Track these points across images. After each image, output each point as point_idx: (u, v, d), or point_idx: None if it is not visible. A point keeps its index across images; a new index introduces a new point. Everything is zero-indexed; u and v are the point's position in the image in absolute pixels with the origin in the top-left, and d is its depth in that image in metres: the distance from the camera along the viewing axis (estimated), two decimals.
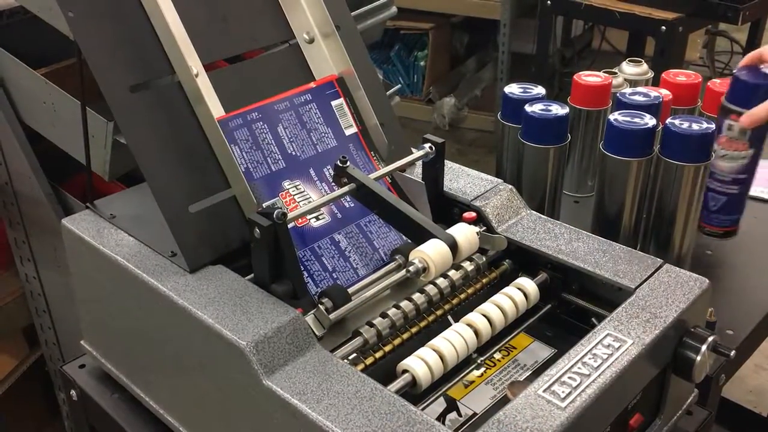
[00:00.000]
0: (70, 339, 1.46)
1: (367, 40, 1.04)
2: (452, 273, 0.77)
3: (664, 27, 2.19)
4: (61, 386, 1.25)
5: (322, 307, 0.71)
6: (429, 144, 0.84)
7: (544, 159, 0.98)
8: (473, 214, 0.83)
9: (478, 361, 0.73)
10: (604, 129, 0.98)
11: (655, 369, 0.71)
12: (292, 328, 0.67)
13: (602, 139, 0.97)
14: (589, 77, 1.12)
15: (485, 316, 0.73)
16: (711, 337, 0.72)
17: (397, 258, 0.80)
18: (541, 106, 0.99)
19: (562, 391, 0.62)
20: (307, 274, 0.76)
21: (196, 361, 0.72)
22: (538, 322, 0.79)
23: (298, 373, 0.64)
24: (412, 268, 0.74)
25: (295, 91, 0.84)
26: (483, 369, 0.75)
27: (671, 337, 0.71)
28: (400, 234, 0.83)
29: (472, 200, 0.85)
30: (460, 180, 0.89)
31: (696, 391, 0.81)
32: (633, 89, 1.06)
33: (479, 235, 0.78)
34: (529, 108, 0.98)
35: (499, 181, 0.89)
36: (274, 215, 0.69)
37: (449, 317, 0.77)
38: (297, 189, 0.81)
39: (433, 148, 0.84)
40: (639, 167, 0.95)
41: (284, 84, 0.84)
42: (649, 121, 0.94)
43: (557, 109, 0.98)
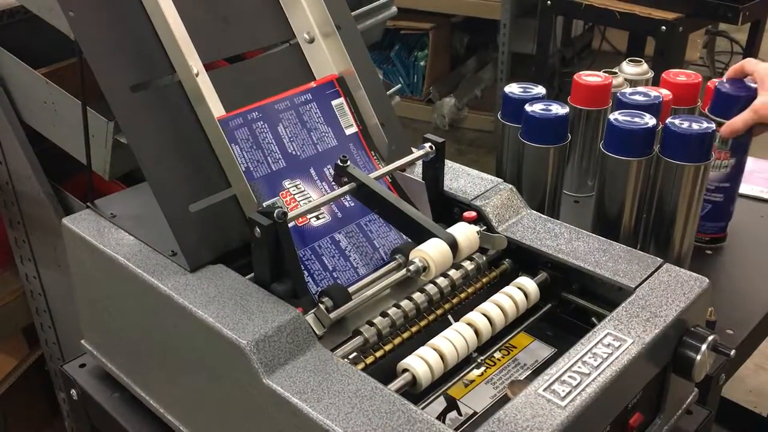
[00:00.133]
0: (70, 338, 1.46)
1: (367, 40, 1.04)
2: (452, 272, 0.77)
3: (664, 27, 2.19)
4: (61, 385, 1.25)
5: (322, 307, 0.71)
6: (429, 143, 0.84)
7: (544, 159, 0.99)
8: (473, 214, 0.83)
9: (479, 360, 0.73)
10: (604, 129, 0.98)
11: (655, 368, 0.71)
12: (292, 327, 0.67)
13: (602, 139, 0.98)
14: (589, 77, 1.13)
15: (485, 316, 0.74)
16: (711, 337, 0.72)
17: (398, 257, 0.80)
18: (542, 106, 0.99)
19: (562, 390, 0.62)
20: (307, 274, 0.76)
21: (196, 361, 0.72)
22: (538, 322, 0.79)
23: (299, 372, 0.64)
24: (412, 268, 0.74)
25: (296, 91, 0.84)
26: (483, 368, 0.75)
27: (671, 337, 0.71)
28: (401, 233, 0.83)
29: (472, 200, 0.85)
30: (461, 179, 0.89)
31: (696, 390, 0.81)
32: (633, 89, 1.06)
33: (479, 235, 0.78)
34: (529, 108, 0.98)
35: (500, 180, 0.89)
36: (275, 214, 0.69)
37: (449, 316, 0.77)
38: (297, 188, 0.81)
39: (433, 148, 0.84)
40: (639, 167, 0.95)
41: (285, 83, 0.84)
42: (649, 120, 0.94)
43: (557, 109, 0.98)
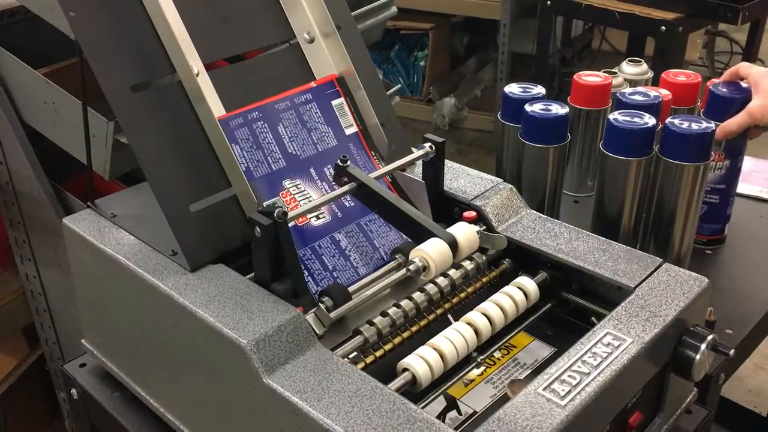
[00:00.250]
0: (71, 338, 1.46)
1: (367, 40, 1.04)
2: (452, 272, 0.77)
3: (663, 27, 2.19)
4: (61, 385, 1.25)
5: (322, 306, 0.71)
6: (429, 143, 0.84)
7: (544, 158, 0.99)
8: (473, 214, 0.83)
9: (478, 359, 0.73)
10: (603, 129, 0.98)
11: (655, 367, 0.71)
12: (292, 327, 0.67)
13: (602, 139, 0.98)
14: (589, 77, 1.13)
15: (485, 315, 0.74)
16: (710, 336, 0.72)
17: (398, 257, 0.80)
18: (541, 106, 0.99)
19: (562, 390, 0.62)
20: (307, 273, 0.76)
21: (196, 360, 0.72)
22: (538, 321, 0.79)
23: (299, 371, 0.64)
24: (412, 267, 0.74)
25: (296, 91, 0.84)
26: (483, 368, 0.75)
27: (671, 336, 0.71)
28: (401, 233, 0.83)
29: (472, 199, 0.85)
30: (460, 179, 0.89)
31: (695, 389, 0.81)
32: (633, 89, 1.06)
33: (479, 235, 0.78)
34: (529, 107, 0.99)
35: (499, 180, 0.89)
36: (275, 214, 0.69)
37: (449, 316, 0.77)
38: (297, 188, 0.81)
39: (433, 148, 0.84)
40: (639, 167, 0.95)
41: (285, 83, 0.84)
42: (649, 120, 0.94)
43: (557, 109, 0.98)
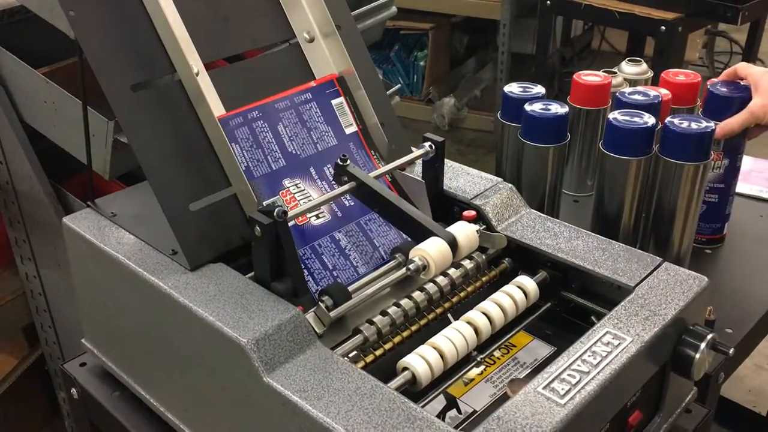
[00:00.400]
0: (71, 338, 1.46)
1: (367, 40, 1.04)
2: (452, 271, 0.78)
3: (663, 27, 2.19)
4: (61, 384, 1.25)
5: (322, 305, 0.71)
6: (429, 143, 0.84)
7: (544, 158, 0.99)
8: (473, 213, 0.83)
9: (478, 358, 0.73)
10: (603, 128, 0.98)
11: (655, 366, 0.72)
12: (292, 326, 0.67)
13: (602, 139, 0.98)
14: (589, 77, 1.13)
15: (485, 314, 0.74)
16: (710, 335, 0.72)
17: (397, 256, 0.80)
18: (541, 105, 0.99)
19: (562, 388, 0.62)
20: (307, 272, 0.76)
21: (196, 359, 0.72)
22: (537, 321, 0.79)
23: (299, 370, 0.64)
24: (412, 266, 0.74)
25: (296, 90, 0.84)
26: (483, 367, 0.75)
27: (670, 335, 0.71)
28: (400, 232, 0.83)
29: (471, 199, 0.85)
30: (460, 179, 0.89)
31: (695, 389, 0.82)
32: (632, 89, 1.06)
33: (479, 234, 0.78)
34: (528, 107, 0.99)
35: (499, 179, 0.89)
36: (275, 213, 0.69)
37: (449, 315, 0.77)
38: (297, 187, 0.81)
39: (433, 147, 0.84)
40: (638, 166, 0.95)
41: (285, 83, 0.84)
42: (649, 120, 0.94)
43: (557, 108, 0.98)
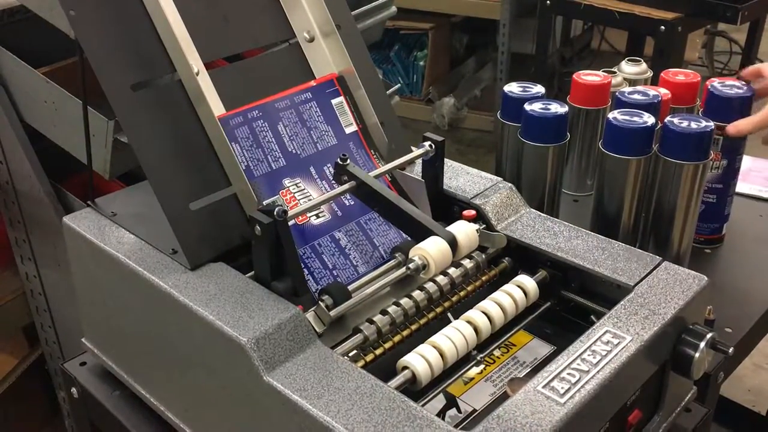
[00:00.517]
0: (71, 337, 1.46)
1: (366, 39, 1.04)
2: (452, 270, 0.78)
3: (663, 27, 2.19)
4: (61, 384, 1.25)
5: (322, 304, 0.71)
6: (429, 142, 0.84)
7: (544, 158, 0.99)
8: (473, 212, 0.83)
9: (478, 358, 0.73)
10: (603, 128, 0.98)
11: (654, 365, 0.72)
12: (292, 325, 0.67)
13: (601, 138, 0.98)
14: (589, 76, 1.13)
15: (485, 314, 0.74)
16: (709, 334, 0.72)
17: (397, 255, 0.80)
18: (541, 105, 0.99)
19: (562, 387, 0.62)
20: (307, 272, 0.76)
21: (197, 358, 0.72)
22: (537, 320, 0.79)
23: (299, 369, 0.64)
24: (412, 265, 0.74)
25: (296, 90, 0.84)
26: (482, 366, 0.75)
27: (670, 334, 0.71)
28: (400, 232, 0.83)
29: (471, 198, 0.85)
30: (460, 178, 0.89)
31: (695, 388, 0.82)
32: (632, 88, 1.07)
33: (479, 233, 0.79)
34: (528, 107, 0.99)
35: (499, 179, 0.89)
36: (275, 213, 0.69)
37: (449, 314, 0.77)
38: (297, 187, 0.81)
39: (433, 147, 0.84)
40: (638, 166, 0.95)
41: (285, 82, 0.85)
42: (648, 119, 0.94)
43: (557, 108, 0.98)
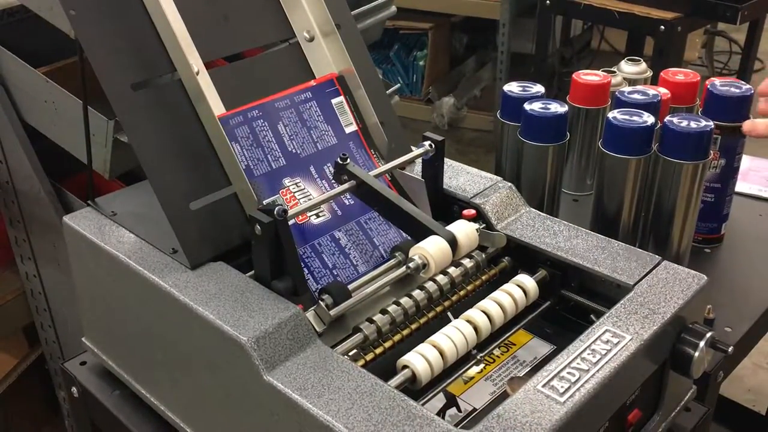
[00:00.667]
0: (71, 337, 1.46)
1: (366, 39, 1.05)
2: (452, 270, 0.78)
3: (663, 27, 2.19)
4: (62, 383, 1.25)
5: (322, 304, 0.71)
6: (428, 142, 0.84)
7: (544, 157, 0.99)
8: (473, 212, 0.83)
9: (478, 357, 0.73)
10: (603, 127, 0.98)
11: (654, 365, 0.72)
12: (292, 324, 0.67)
13: (601, 138, 0.98)
14: (588, 76, 1.13)
15: (485, 313, 0.74)
16: (709, 334, 0.72)
17: (397, 255, 0.80)
18: (541, 105, 0.99)
19: (561, 386, 0.62)
20: (307, 271, 0.76)
21: (197, 358, 0.72)
22: (537, 319, 0.80)
23: (299, 368, 0.64)
24: (412, 265, 0.74)
25: (296, 89, 0.84)
26: (482, 365, 0.75)
27: (669, 333, 0.71)
28: (400, 231, 0.83)
29: (471, 198, 0.85)
30: (460, 178, 0.89)
31: (694, 387, 0.82)
32: (632, 88, 1.07)
33: (479, 233, 0.79)
34: (528, 106, 0.99)
35: (499, 178, 0.89)
36: (275, 212, 0.69)
37: (449, 314, 0.77)
38: (297, 186, 0.81)
39: (433, 146, 0.84)
40: (638, 165, 0.95)
41: (285, 82, 0.85)
42: (648, 119, 0.95)
43: (556, 108, 0.98)
